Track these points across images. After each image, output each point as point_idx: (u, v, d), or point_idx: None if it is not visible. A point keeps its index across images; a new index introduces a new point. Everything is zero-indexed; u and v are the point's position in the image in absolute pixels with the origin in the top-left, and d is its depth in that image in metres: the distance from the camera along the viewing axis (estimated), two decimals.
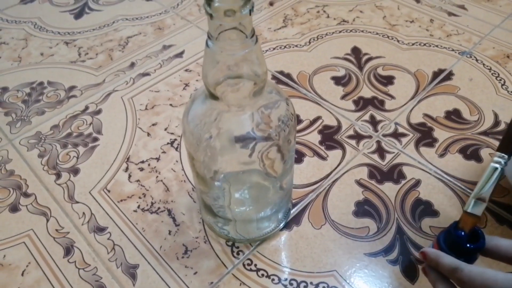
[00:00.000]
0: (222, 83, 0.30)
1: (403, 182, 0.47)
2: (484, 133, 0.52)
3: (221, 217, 0.41)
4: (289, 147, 0.35)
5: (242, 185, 0.41)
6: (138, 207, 0.47)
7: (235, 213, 0.40)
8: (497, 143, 0.50)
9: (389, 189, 0.47)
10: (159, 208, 0.46)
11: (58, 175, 0.50)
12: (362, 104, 0.56)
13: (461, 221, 0.34)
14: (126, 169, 0.50)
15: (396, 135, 0.52)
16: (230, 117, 0.32)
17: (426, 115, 0.54)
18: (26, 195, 0.48)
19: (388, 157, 0.50)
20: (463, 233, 0.33)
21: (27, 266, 0.42)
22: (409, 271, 0.40)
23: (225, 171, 0.36)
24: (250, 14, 0.26)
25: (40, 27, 0.74)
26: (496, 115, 0.54)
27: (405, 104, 0.56)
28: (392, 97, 0.57)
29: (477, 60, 0.62)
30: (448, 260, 0.31)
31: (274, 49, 0.66)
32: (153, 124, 0.55)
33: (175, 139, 0.53)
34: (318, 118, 0.55)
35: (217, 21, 0.26)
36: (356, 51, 0.65)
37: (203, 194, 0.40)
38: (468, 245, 0.32)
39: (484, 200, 0.34)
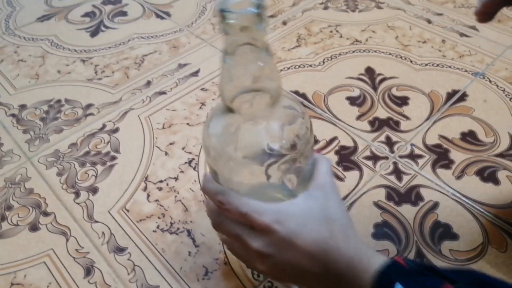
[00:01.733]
0: (238, 97, 0.31)
1: (421, 204, 0.47)
2: (501, 155, 0.52)
3: None
4: (306, 160, 0.36)
5: (261, 200, 0.41)
6: (158, 227, 0.47)
7: None
8: None
9: (407, 211, 0.47)
10: (178, 228, 0.46)
11: (77, 194, 0.51)
12: (377, 124, 0.57)
13: None
14: (145, 189, 0.51)
15: (413, 156, 0.53)
16: (247, 129, 0.33)
17: (441, 136, 0.55)
18: (46, 214, 0.49)
19: (405, 178, 0.50)
20: None
21: (47, 286, 0.43)
22: None
23: (243, 185, 0.37)
24: (264, 30, 0.27)
25: (57, 45, 0.75)
26: None
27: (420, 125, 0.56)
28: (407, 118, 0.58)
29: (490, 81, 0.62)
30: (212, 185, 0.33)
31: (288, 68, 0.67)
32: (171, 143, 0.56)
33: (193, 159, 0.54)
34: (335, 138, 0.55)
35: (232, 37, 0.27)
36: (370, 71, 0.65)
37: None
38: None
39: None
